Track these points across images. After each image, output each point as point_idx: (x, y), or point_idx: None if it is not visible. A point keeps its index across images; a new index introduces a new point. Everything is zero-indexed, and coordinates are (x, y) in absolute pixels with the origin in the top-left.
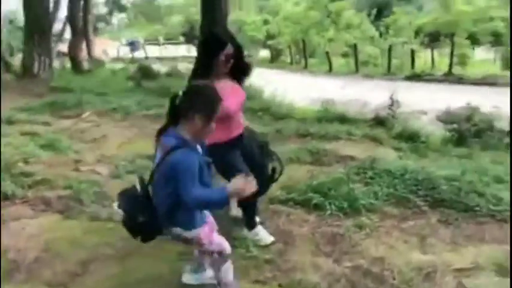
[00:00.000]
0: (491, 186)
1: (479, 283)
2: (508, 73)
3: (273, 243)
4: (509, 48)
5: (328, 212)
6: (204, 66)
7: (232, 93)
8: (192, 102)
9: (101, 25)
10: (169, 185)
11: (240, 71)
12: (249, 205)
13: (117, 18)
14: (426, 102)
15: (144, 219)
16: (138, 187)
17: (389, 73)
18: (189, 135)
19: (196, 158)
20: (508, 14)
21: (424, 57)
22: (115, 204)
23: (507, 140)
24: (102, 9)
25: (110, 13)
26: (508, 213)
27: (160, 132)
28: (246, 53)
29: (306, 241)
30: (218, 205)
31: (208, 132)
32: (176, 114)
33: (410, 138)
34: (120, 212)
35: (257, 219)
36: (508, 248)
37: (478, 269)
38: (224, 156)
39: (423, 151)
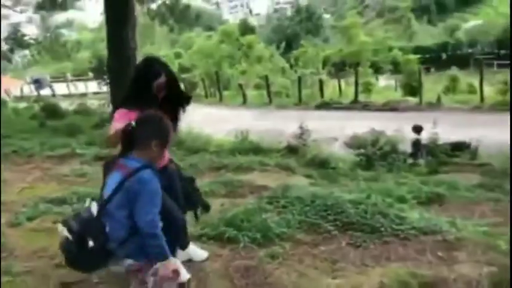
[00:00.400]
0: (394, 207)
1: None
2: (407, 98)
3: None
4: (413, 76)
5: (242, 244)
6: (135, 95)
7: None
8: (149, 131)
9: (3, 64)
10: (131, 205)
11: (174, 102)
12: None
13: (19, 55)
14: (336, 129)
15: (95, 246)
16: (93, 210)
17: (300, 103)
18: (145, 162)
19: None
20: (403, 44)
21: (332, 87)
22: (60, 226)
23: (409, 161)
24: (3, 47)
25: (11, 51)
26: (411, 231)
27: (113, 161)
28: None
29: (220, 276)
30: (157, 249)
31: (161, 159)
32: (130, 142)
33: (321, 165)
34: (66, 234)
35: None
36: (411, 265)
37: None
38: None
39: (333, 177)
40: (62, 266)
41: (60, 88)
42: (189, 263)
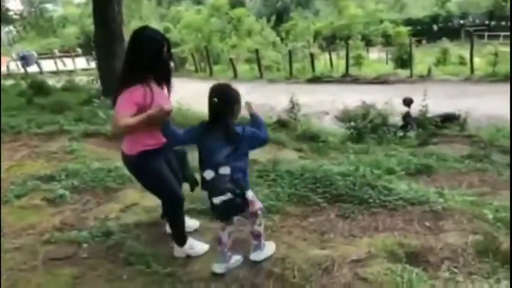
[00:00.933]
0: (382, 178)
1: (372, 271)
2: (398, 71)
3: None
4: (403, 49)
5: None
6: (141, 68)
7: (165, 96)
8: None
9: None
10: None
11: (165, 73)
12: (175, 221)
13: (4, 31)
14: (327, 103)
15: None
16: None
17: (292, 77)
18: None
19: None
20: (395, 16)
21: (323, 60)
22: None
23: (400, 133)
24: None
25: None
26: (399, 202)
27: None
28: None
29: (209, 250)
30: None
31: None
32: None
33: (311, 139)
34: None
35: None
36: (398, 235)
37: (371, 258)
38: (152, 164)
39: (323, 150)
40: (50, 243)
41: (48, 65)
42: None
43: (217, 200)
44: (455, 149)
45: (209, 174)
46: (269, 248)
